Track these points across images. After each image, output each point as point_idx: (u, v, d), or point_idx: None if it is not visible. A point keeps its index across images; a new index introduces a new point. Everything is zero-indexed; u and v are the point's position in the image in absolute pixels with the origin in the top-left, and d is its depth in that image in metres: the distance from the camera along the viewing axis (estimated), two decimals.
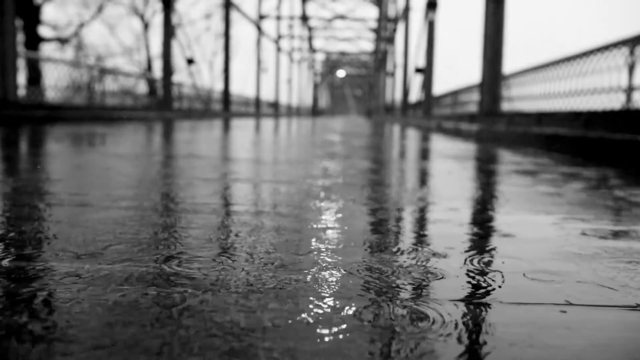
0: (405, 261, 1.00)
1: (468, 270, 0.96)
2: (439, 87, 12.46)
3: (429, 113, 12.59)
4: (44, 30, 20.46)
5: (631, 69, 4.15)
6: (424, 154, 4.22)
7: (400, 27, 19.16)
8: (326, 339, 0.64)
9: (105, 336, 0.63)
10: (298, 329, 0.67)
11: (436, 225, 1.37)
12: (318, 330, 0.67)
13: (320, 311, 0.73)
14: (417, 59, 13.74)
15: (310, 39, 41.75)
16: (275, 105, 30.10)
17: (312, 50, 45.84)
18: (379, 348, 0.62)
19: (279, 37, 30.87)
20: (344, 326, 0.68)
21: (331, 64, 56.72)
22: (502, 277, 0.93)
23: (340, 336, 0.65)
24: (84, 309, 0.71)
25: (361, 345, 0.63)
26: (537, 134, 4.77)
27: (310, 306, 0.75)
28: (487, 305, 0.79)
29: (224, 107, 18.50)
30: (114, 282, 0.83)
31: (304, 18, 34.39)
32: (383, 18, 27.06)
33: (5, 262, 0.92)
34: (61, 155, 3.24)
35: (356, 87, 74.64)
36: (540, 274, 0.96)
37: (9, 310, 0.70)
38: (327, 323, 0.69)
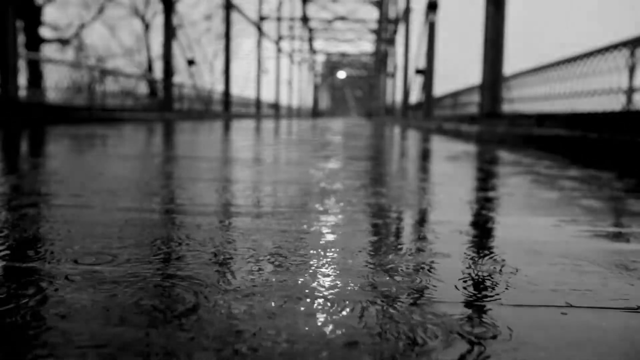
0: (405, 263, 1.00)
1: (468, 272, 0.96)
2: (440, 88, 12.45)
3: (430, 114, 12.59)
4: (44, 31, 20.50)
5: (632, 70, 4.16)
6: (424, 156, 4.22)
7: (401, 28, 19.17)
8: None
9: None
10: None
11: (437, 227, 1.37)
12: None
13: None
14: (418, 60, 13.75)
15: (310, 40, 41.76)
16: (275, 106, 30.11)
17: (313, 51, 45.85)
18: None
19: (280, 38, 30.89)
20: None
21: (332, 65, 56.74)
22: (502, 278, 0.93)
23: None
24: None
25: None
26: (538, 136, 4.77)
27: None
28: (488, 307, 0.79)
29: (224, 108, 18.51)
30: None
31: (305, 19, 34.42)
32: (383, 19, 27.08)
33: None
34: (61, 156, 3.25)
35: (356, 89, 74.66)
36: (541, 275, 0.96)
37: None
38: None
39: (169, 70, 13.78)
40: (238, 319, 0.70)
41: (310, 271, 0.93)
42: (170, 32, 13.61)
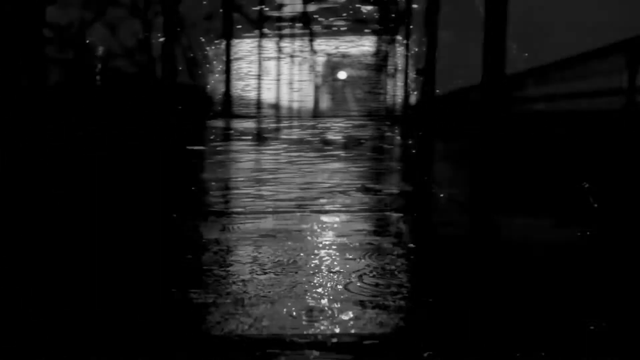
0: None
1: None
2: (440, 88, 12.43)
3: (430, 115, 12.56)
4: (45, 32, 20.50)
5: (632, 71, 4.15)
6: (425, 156, 4.23)
7: (402, 28, 19.15)
8: None
9: None
10: None
11: (435, 228, 1.37)
12: None
13: None
14: (418, 60, 13.74)
15: (311, 40, 41.74)
16: (276, 106, 30.07)
17: (314, 51, 45.86)
18: None
19: (280, 38, 30.87)
20: None
21: (332, 66, 56.79)
22: None
23: None
24: None
25: None
26: (538, 136, 4.76)
27: None
28: None
29: (225, 109, 18.49)
30: None
31: (306, 20, 34.40)
32: (384, 19, 27.05)
33: None
34: (61, 155, 3.26)
35: (357, 89, 74.72)
36: None
37: None
38: None
39: (169, 71, 13.77)
40: None
41: (308, 261, 0.94)
42: (171, 33, 13.61)
